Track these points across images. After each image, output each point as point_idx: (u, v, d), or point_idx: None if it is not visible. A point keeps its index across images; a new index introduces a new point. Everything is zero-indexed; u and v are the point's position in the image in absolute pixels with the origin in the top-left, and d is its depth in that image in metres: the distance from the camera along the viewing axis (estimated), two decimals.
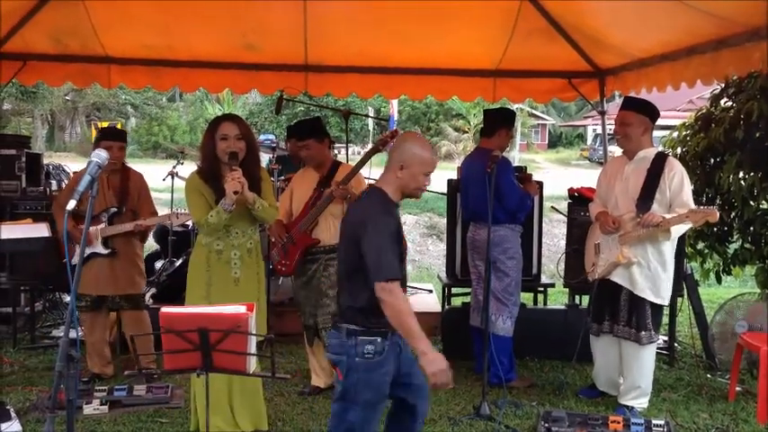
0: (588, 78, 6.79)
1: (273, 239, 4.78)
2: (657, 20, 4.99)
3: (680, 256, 5.42)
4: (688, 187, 4.34)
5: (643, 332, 4.39)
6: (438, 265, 11.79)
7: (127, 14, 5.95)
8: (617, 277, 4.43)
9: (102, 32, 6.20)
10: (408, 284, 7.17)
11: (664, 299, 4.44)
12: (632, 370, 4.50)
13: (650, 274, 4.35)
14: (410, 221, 13.64)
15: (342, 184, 4.58)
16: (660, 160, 4.36)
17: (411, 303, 5.84)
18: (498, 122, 4.99)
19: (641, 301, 4.38)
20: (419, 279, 9.19)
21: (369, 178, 5.18)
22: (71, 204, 2.44)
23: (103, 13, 5.92)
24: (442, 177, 5.27)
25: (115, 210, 4.90)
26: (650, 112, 4.45)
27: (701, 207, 4.18)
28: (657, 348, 5.79)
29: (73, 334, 2.49)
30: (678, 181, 4.28)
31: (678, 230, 4.29)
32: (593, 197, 4.92)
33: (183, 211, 4.76)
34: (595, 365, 4.80)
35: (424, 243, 13.04)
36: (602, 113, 7.09)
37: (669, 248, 4.40)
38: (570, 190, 6.02)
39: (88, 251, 4.72)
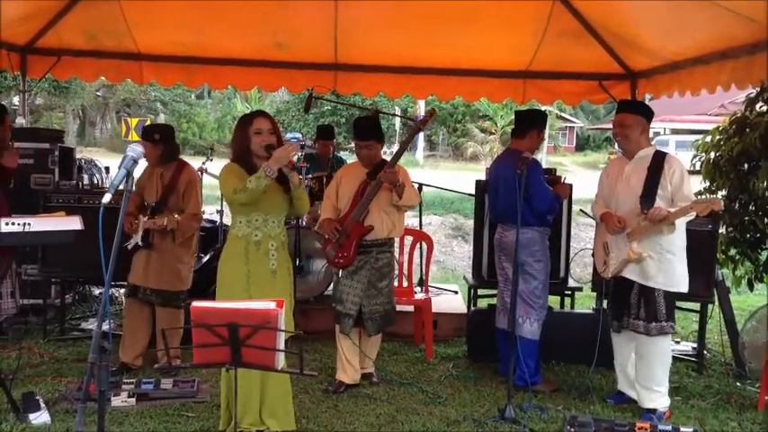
0: (619, 80, 6.75)
1: (327, 236, 4.79)
2: (691, 22, 4.94)
3: (711, 262, 5.37)
4: (688, 182, 4.43)
5: (653, 323, 4.41)
6: (463, 266, 11.75)
7: (160, 12, 6.04)
8: (629, 273, 4.50)
9: (135, 29, 6.30)
10: (433, 285, 7.16)
11: (680, 285, 4.45)
12: (643, 365, 4.51)
13: (662, 265, 4.40)
14: (435, 222, 13.63)
15: (388, 167, 4.65)
16: (659, 158, 4.46)
17: (436, 304, 5.90)
18: (529, 123, 4.97)
19: (651, 291, 4.42)
20: (444, 280, 9.17)
21: None
22: (106, 198, 2.47)
23: (138, 10, 6.02)
24: (469, 178, 5.26)
25: (153, 204, 4.95)
26: (646, 112, 4.57)
27: (704, 197, 4.25)
28: (686, 355, 5.78)
29: (105, 326, 2.51)
30: (678, 176, 4.37)
31: (682, 222, 4.38)
32: None
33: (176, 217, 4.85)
34: (618, 364, 4.79)
35: (449, 244, 13.01)
36: None
37: (679, 236, 4.43)
38: None
39: (132, 241, 4.81)
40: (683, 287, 4.47)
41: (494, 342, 5.19)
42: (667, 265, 4.40)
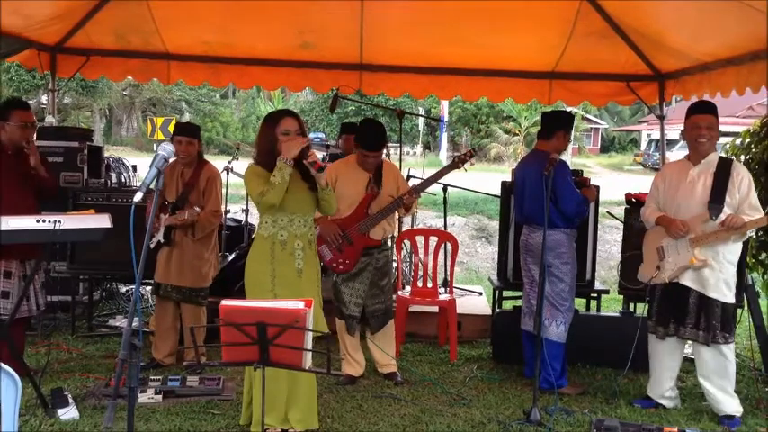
0: (647, 82, 6.68)
1: (328, 238, 4.80)
2: (721, 23, 4.88)
3: (741, 266, 5.29)
4: (754, 191, 4.40)
5: (718, 333, 4.39)
6: (486, 267, 11.70)
7: (188, 12, 6.09)
8: (687, 280, 4.44)
9: (163, 29, 6.36)
10: (458, 286, 7.14)
11: (734, 297, 4.47)
12: (715, 375, 4.47)
13: (722, 275, 4.38)
14: (459, 223, 13.58)
15: (414, 193, 4.83)
16: (725, 164, 4.41)
17: (460, 305, 5.88)
18: (556, 125, 4.93)
19: (712, 302, 4.38)
20: (468, 281, 9.14)
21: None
22: (138, 196, 2.49)
23: (166, 10, 6.07)
24: (493, 180, 5.24)
25: (173, 202, 5.00)
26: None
27: None
28: None
29: (135, 323, 2.53)
30: (746, 185, 4.35)
31: (750, 233, 4.40)
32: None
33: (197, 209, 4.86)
34: (655, 371, 4.71)
35: (473, 245, 12.96)
36: (662, 118, 6.94)
37: (738, 249, 4.46)
38: (627, 195, 5.91)
39: (154, 240, 4.92)
40: (734, 297, 4.47)
41: (519, 344, 5.17)
42: (726, 275, 4.39)
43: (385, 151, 6.54)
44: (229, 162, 7.55)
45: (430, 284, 6.08)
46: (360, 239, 4.80)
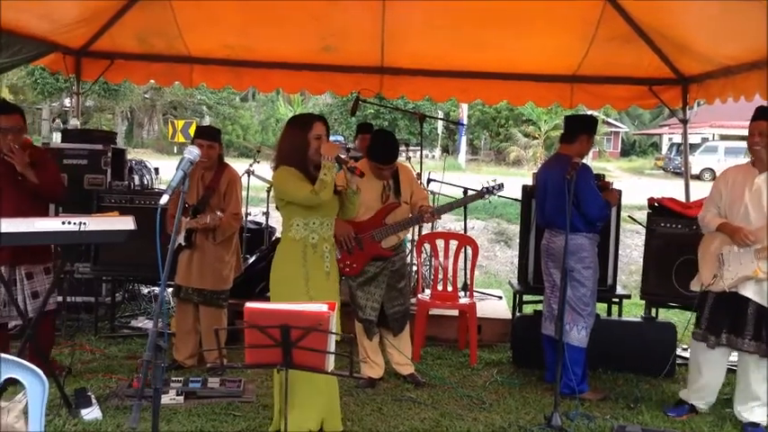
0: (670, 85, 6.64)
1: (342, 239, 4.81)
2: (745, 25, 4.82)
3: None
4: None
5: None
6: (506, 271, 11.66)
7: (211, 16, 6.14)
8: (748, 291, 4.32)
9: (186, 33, 6.42)
10: (478, 290, 7.12)
11: None
12: (757, 384, 4.40)
13: None
14: (478, 227, 13.54)
15: (436, 213, 4.96)
16: None
17: (480, 309, 5.87)
18: (580, 129, 4.90)
19: None
20: (487, 285, 9.10)
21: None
22: (164, 199, 2.52)
23: (189, 14, 6.13)
24: (512, 183, 5.24)
25: (194, 205, 5.03)
26: None
27: None
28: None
29: (161, 324, 2.56)
30: None
31: None
32: (678, 209, 4.77)
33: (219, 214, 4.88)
34: (700, 379, 4.63)
35: (492, 249, 12.91)
36: (685, 122, 6.89)
37: None
38: (650, 200, 5.86)
39: (175, 243, 4.89)
40: None
41: (539, 349, 5.14)
42: None
43: (405, 154, 6.54)
44: (251, 165, 7.59)
45: (450, 288, 6.08)
46: (371, 247, 4.82)
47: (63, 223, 3.99)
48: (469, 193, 5.66)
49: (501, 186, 5.12)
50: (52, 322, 4.85)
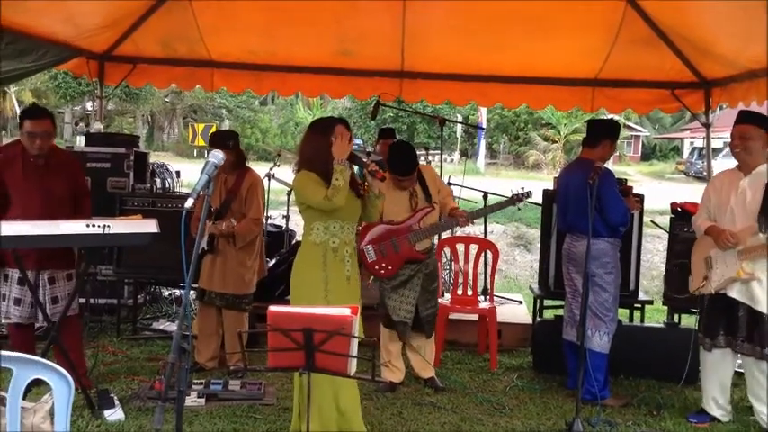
0: (693, 89, 6.58)
1: (381, 241, 4.84)
2: None
3: None
4: None
5: (765, 348, 4.29)
6: (525, 275, 11.62)
7: (232, 20, 6.19)
8: (734, 292, 4.36)
9: (207, 37, 6.47)
10: (497, 294, 7.09)
11: None
12: (759, 388, 4.39)
13: None
14: (497, 231, 13.49)
15: (470, 218, 4.97)
16: None
17: (500, 313, 5.85)
18: (603, 133, 4.88)
19: (761, 316, 4.29)
20: (506, 289, 9.07)
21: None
22: (189, 202, 2.54)
23: (210, 19, 6.18)
24: (531, 187, 5.23)
25: (217, 209, 5.06)
26: None
27: None
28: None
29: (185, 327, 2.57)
30: None
31: None
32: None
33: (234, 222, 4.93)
34: (705, 382, 4.63)
35: (512, 253, 12.87)
36: (707, 126, 6.82)
37: None
38: (673, 205, 5.82)
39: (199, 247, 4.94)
40: None
41: (560, 354, 5.11)
42: None
43: (424, 158, 6.52)
44: (271, 169, 7.62)
45: (470, 292, 6.06)
46: (407, 250, 4.83)
47: (87, 226, 4.03)
48: (499, 200, 5.65)
49: (530, 194, 5.12)
50: (78, 327, 4.85)
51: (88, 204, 4.70)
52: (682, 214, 5.69)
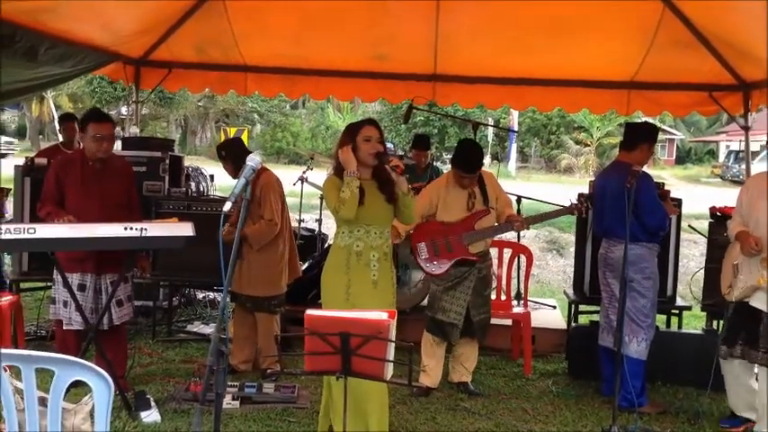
0: (731, 92, 6.44)
1: (436, 239, 4.87)
2: None
3: None
4: None
5: None
6: (558, 280, 11.50)
7: (266, 25, 6.24)
8: (756, 301, 4.22)
9: (241, 42, 6.52)
10: (531, 299, 7.02)
11: None
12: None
13: None
14: (530, 235, 13.37)
15: (526, 224, 4.97)
16: None
17: (534, 318, 5.80)
18: (641, 137, 4.81)
19: None
20: (539, 294, 8.98)
21: None
22: (227, 206, 2.55)
23: (245, 24, 6.23)
24: (563, 191, 5.18)
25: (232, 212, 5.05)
26: None
27: None
28: None
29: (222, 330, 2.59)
30: None
31: None
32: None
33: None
34: (728, 388, 4.55)
35: (544, 258, 12.75)
36: (746, 129, 6.69)
37: None
38: (712, 209, 5.71)
39: None
40: None
41: (596, 360, 5.05)
42: None
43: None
44: (304, 172, 7.65)
45: (503, 297, 6.01)
46: (459, 249, 4.82)
47: (125, 229, 4.08)
48: (554, 207, 5.59)
49: (591, 202, 4.98)
50: (126, 330, 4.90)
51: (138, 209, 4.77)
52: (721, 219, 5.57)
